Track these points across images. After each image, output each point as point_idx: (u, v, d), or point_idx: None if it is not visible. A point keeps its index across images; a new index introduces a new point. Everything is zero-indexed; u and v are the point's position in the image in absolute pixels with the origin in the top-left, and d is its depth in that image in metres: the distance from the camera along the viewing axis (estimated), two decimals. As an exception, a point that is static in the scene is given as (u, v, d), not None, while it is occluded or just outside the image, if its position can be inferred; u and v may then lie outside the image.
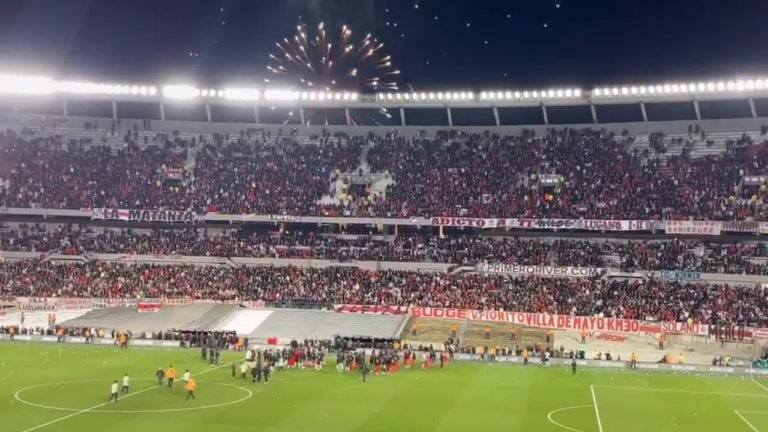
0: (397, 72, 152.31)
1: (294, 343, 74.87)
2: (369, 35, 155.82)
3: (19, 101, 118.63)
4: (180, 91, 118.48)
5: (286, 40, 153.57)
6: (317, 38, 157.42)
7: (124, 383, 52.85)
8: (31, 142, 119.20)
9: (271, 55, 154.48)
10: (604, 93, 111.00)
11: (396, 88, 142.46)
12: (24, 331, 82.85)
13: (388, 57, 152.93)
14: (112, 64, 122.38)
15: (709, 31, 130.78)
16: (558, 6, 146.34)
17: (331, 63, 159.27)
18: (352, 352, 71.98)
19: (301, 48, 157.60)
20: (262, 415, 48.74)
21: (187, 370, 57.60)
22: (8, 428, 42.89)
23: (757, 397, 61.49)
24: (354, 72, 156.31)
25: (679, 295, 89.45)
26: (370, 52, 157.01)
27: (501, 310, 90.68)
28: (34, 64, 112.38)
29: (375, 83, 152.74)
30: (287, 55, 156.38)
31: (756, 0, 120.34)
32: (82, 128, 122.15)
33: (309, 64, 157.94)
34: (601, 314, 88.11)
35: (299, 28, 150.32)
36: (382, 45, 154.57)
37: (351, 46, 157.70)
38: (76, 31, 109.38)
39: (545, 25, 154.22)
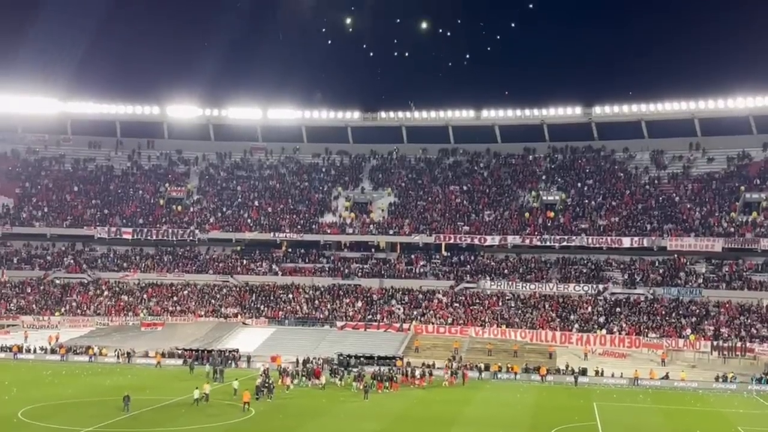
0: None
1: (306, 361, 74.96)
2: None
3: (23, 121, 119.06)
4: (183, 111, 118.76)
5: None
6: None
7: (206, 391, 57.33)
8: (35, 162, 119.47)
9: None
10: (604, 111, 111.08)
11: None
12: (28, 350, 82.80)
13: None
14: (116, 84, 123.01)
15: (708, 49, 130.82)
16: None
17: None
18: (355, 370, 71.80)
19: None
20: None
21: (236, 379, 61.94)
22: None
23: (761, 414, 61.15)
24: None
25: (681, 312, 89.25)
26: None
27: (503, 327, 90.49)
28: (38, 85, 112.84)
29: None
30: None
31: (755, 17, 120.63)
32: (86, 148, 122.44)
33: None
34: (604, 331, 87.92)
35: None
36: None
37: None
38: (80, 52, 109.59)
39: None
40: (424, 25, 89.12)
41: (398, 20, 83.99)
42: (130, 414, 51.28)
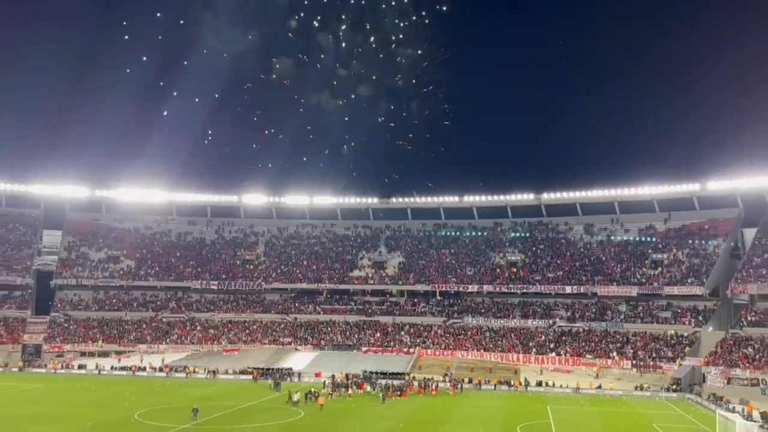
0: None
1: (348, 376, 74.08)
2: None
3: (141, 207, 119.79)
4: (254, 198, 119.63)
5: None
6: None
7: (297, 397, 57.73)
8: (150, 235, 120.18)
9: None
10: (550, 196, 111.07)
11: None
12: (142, 369, 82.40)
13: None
14: (207, 179, 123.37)
15: (623, 152, 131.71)
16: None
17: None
18: (383, 382, 70.89)
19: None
20: (311, 430, 47.87)
21: (312, 388, 62.25)
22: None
23: (668, 413, 59.99)
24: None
25: (609, 340, 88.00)
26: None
27: (481, 351, 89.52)
28: (153, 181, 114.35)
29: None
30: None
31: (657, 130, 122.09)
32: (186, 225, 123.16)
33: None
34: (554, 354, 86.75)
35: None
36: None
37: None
38: (182, 158, 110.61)
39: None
40: (430, 151, 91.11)
41: (405, 141, 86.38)
42: (199, 421, 48.42)
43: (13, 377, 77.76)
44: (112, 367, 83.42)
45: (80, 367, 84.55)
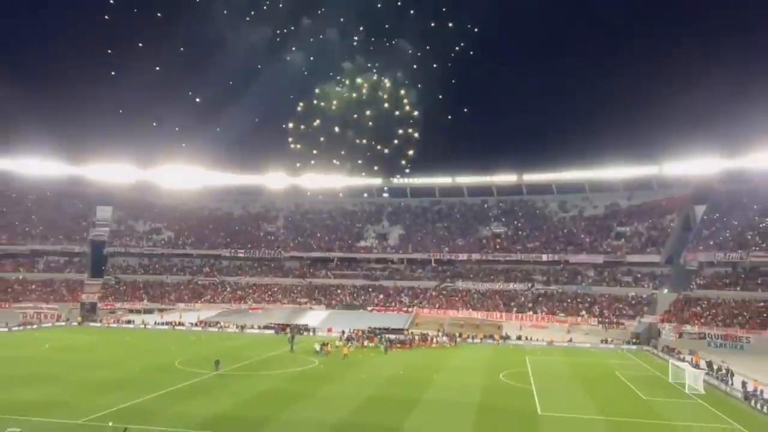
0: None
1: (364, 331, 74.11)
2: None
3: (180, 185, 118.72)
4: (275, 178, 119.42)
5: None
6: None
7: (319, 347, 58.59)
8: (187, 210, 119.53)
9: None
10: (530, 177, 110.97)
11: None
12: (181, 324, 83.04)
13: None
14: (236, 162, 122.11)
15: (592, 138, 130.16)
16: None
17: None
18: (386, 336, 71.14)
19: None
20: (324, 375, 48.43)
21: (339, 340, 64.49)
22: (174, 382, 43.02)
23: (628, 363, 60.42)
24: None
25: (578, 300, 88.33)
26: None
27: (470, 310, 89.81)
28: (189, 163, 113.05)
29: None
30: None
31: (619, 118, 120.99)
32: (217, 201, 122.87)
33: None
34: (531, 312, 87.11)
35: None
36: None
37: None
38: (218, 144, 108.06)
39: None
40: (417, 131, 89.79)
41: (408, 127, 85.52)
42: (221, 371, 47.45)
43: (73, 330, 78.70)
44: (155, 323, 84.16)
45: (128, 322, 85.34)
